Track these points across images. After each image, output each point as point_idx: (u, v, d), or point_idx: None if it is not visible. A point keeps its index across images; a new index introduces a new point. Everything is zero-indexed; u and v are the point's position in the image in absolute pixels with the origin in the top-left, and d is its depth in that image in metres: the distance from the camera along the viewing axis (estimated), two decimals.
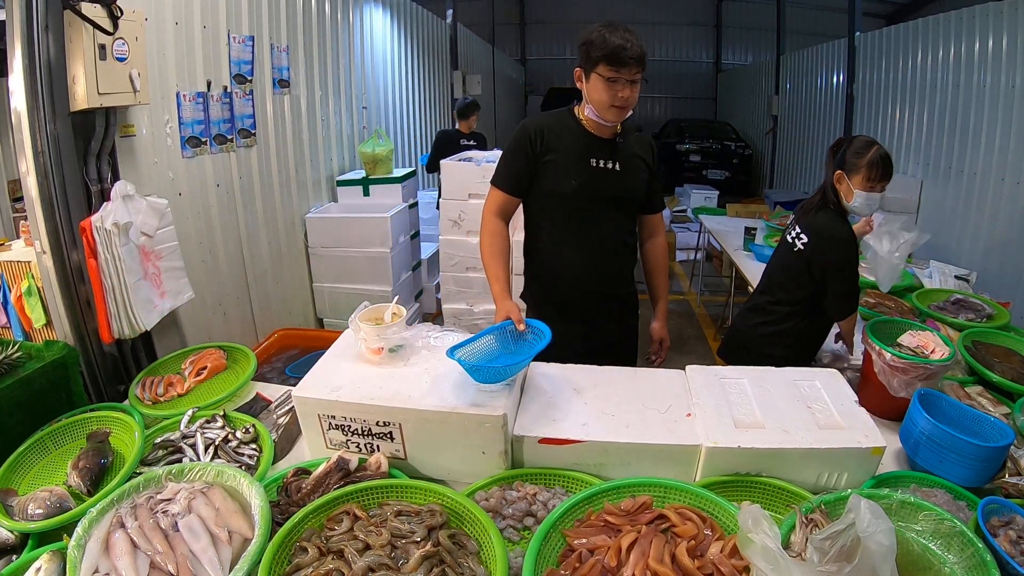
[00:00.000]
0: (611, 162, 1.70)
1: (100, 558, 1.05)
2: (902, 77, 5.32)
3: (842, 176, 1.77)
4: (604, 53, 1.53)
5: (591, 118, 1.67)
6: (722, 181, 9.62)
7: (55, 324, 1.93)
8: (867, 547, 0.92)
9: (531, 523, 1.21)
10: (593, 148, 1.69)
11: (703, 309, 5.09)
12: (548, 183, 1.71)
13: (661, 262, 1.94)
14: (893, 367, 1.56)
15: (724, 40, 13.61)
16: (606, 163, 1.70)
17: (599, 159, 1.69)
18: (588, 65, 1.59)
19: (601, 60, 1.54)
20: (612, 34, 1.52)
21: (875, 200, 1.75)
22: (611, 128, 1.68)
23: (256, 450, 1.45)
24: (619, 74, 1.54)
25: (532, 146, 1.69)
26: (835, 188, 1.83)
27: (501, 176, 1.75)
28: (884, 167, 1.73)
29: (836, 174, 1.80)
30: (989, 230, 4.05)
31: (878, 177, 1.72)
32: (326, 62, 3.73)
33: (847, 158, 1.78)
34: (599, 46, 1.53)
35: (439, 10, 6.81)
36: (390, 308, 1.54)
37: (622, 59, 1.52)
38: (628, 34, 1.53)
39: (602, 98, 1.59)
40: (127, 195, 1.91)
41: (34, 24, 1.67)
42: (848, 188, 1.75)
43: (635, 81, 1.57)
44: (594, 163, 1.69)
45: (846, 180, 1.76)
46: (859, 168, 1.74)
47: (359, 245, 3.53)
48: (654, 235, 1.93)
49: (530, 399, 1.43)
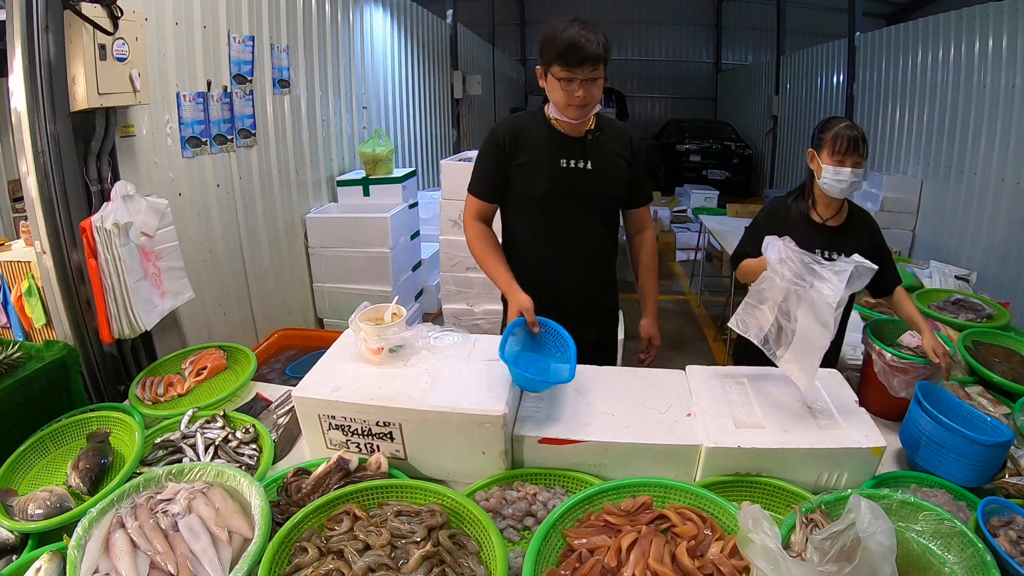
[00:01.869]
0: (582, 161, 1.65)
1: (100, 558, 1.06)
2: (902, 77, 5.32)
3: (813, 154, 1.74)
4: (558, 52, 1.47)
5: (557, 117, 1.63)
6: (722, 181, 9.62)
7: (55, 324, 1.93)
8: (867, 547, 0.92)
9: (531, 523, 1.21)
10: (563, 148, 1.65)
11: (703, 309, 5.09)
12: (520, 187, 1.68)
13: (650, 257, 1.89)
14: (893, 367, 1.56)
15: (724, 40, 13.60)
16: (577, 162, 1.65)
17: (569, 159, 1.65)
18: (545, 64, 1.54)
19: (555, 59, 1.49)
20: (567, 31, 1.46)
21: (844, 176, 1.65)
22: (581, 126, 1.64)
23: (256, 450, 1.45)
24: (573, 73, 1.49)
25: (502, 150, 1.66)
26: (811, 173, 1.78)
27: (476, 183, 1.72)
28: (850, 141, 1.66)
29: (808, 153, 1.76)
30: (989, 230, 4.06)
31: (843, 150, 1.65)
32: (326, 62, 3.73)
33: (816, 135, 1.75)
34: (553, 44, 1.48)
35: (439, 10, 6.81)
36: (390, 308, 1.54)
37: (575, 58, 1.46)
38: (586, 31, 1.46)
39: (558, 97, 1.55)
40: (127, 195, 1.91)
41: (34, 24, 1.67)
42: (818, 165, 1.72)
43: (593, 79, 1.51)
44: (564, 163, 1.65)
45: (816, 157, 1.73)
46: (824, 142, 1.69)
47: (359, 245, 3.53)
48: (642, 229, 1.88)
49: (530, 399, 1.43)
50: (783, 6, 10.16)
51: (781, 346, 1.43)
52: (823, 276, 1.40)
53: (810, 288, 1.40)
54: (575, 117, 1.58)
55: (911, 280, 2.82)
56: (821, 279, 1.40)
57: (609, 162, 1.69)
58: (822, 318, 1.38)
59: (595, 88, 1.53)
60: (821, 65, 7.64)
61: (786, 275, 1.42)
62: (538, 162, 1.64)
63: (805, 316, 1.40)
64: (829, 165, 1.67)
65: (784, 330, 1.43)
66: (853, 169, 1.65)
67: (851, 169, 1.65)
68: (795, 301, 1.42)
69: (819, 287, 1.39)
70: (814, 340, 1.39)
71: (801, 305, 1.41)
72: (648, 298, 1.91)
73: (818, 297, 1.39)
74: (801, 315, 1.41)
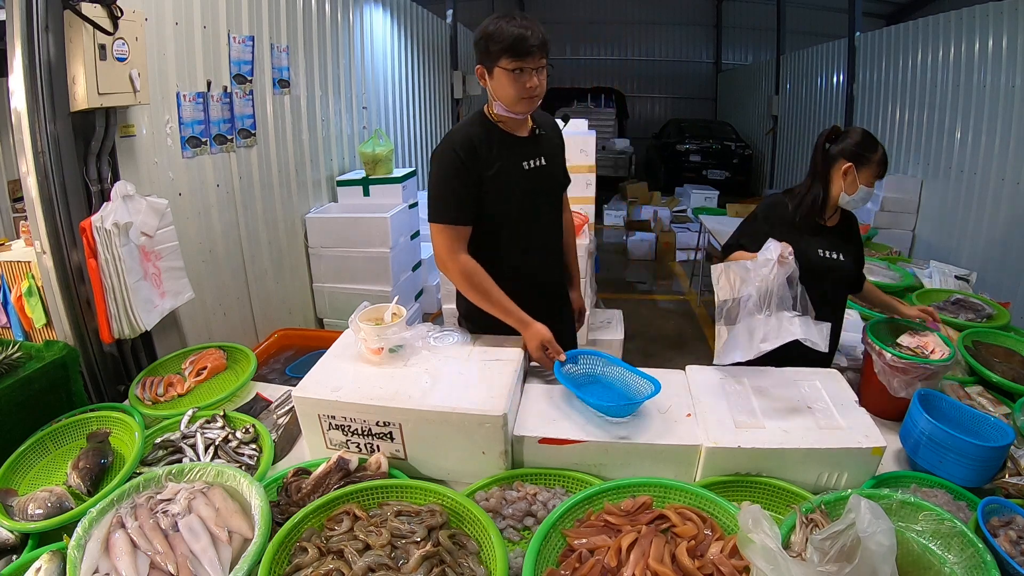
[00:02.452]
0: (539, 159, 1.65)
1: (100, 558, 1.06)
2: (902, 77, 5.32)
3: (851, 169, 1.73)
4: (505, 45, 1.45)
5: (503, 115, 1.58)
6: (722, 181, 9.61)
7: (55, 324, 1.93)
8: (867, 547, 0.92)
9: (531, 523, 1.21)
10: (521, 151, 1.62)
11: (703, 309, 5.09)
12: (493, 198, 1.58)
13: (573, 235, 1.95)
14: (893, 367, 1.56)
15: (724, 40, 13.59)
16: (535, 161, 1.65)
17: (529, 159, 1.63)
18: (489, 60, 1.50)
19: (503, 53, 1.46)
20: (510, 24, 1.45)
21: (871, 195, 1.75)
22: (525, 124, 1.63)
23: (256, 450, 1.45)
24: (524, 63, 1.46)
25: (465, 166, 1.54)
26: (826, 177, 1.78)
27: (444, 209, 1.56)
28: (886, 166, 1.74)
29: (845, 166, 1.73)
30: (989, 230, 4.05)
31: (883, 175, 1.73)
32: (326, 62, 3.73)
33: (858, 151, 1.73)
34: (498, 39, 1.45)
35: (439, 10, 6.81)
36: (390, 308, 1.54)
37: (524, 48, 1.44)
38: (527, 22, 1.46)
39: (509, 92, 1.50)
40: (127, 195, 1.91)
41: (34, 24, 1.67)
42: (854, 181, 1.71)
43: (541, 68, 1.50)
44: (527, 165, 1.63)
45: (854, 173, 1.73)
46: (871, 163, 1.71)
47: (359, 245, 3.52)
48: (566, 210, 1.90)
49: (530, 399, 1.43)
50: (783, 6, 10.16)
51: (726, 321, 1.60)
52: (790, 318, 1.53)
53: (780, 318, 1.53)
54: (526, 110, 1.56)
55: (911, 280, 2.82)
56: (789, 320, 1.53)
57: (556, 154, 1.73)
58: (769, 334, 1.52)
59: (543, 78, 1.52)
60: (821, 65, 7.63)
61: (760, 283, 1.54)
62: (506, 169, 1.59)
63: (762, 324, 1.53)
64: (866, 186, 1.73)
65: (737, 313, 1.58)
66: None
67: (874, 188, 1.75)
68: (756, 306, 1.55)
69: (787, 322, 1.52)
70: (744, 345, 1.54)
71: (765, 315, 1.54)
72: (575, 273, 1.98)
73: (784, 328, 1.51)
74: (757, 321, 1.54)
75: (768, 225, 1.78)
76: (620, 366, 1.51)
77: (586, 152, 3.22)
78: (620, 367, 1.51)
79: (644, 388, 1.41)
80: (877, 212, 5.00)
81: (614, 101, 11.71)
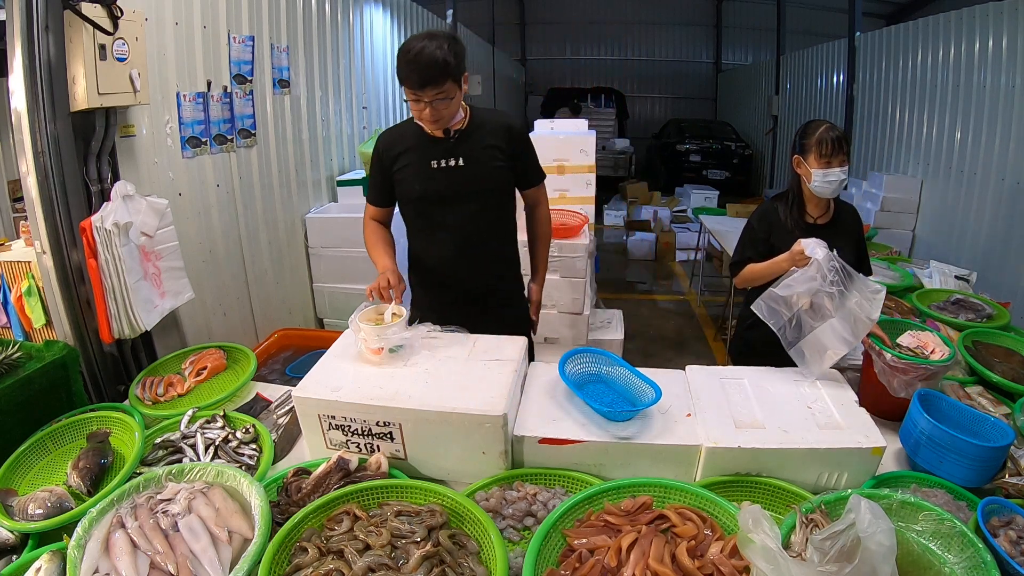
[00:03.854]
0: (453, 159, 1.70)
1: (100, 558, 1.06)
2: (902, 77, 5.32)
3: (799, 160, 1.78)
4: (401, 76, 1.54)
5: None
6: (722, 181, 9.62)
7: (55, 324, 1.93)
8: (867, 547, 0.92)
9: (531, 523, 1.21)
10: (433, 149, 1.70)
11: (703, 309, 5.09)
12: (402, 191, 1.77)
13: (542, 230, 1.97)
14: (893, 367, 1.56)
15: (724, 40, 13.60)
16: (447, 162, 1.70)
17: (439, 159, 1.70)
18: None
19: (401, 82, 1.56)
20: (409, 54, 1.51)
21: (833, 176, 1.72)
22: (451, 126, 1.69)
23: (256, 450, 1.45)
24: (416, 95, 1.55)
25: (382, 160, 1.76)
26: (798, 177, 1.83)
27: (368, 190, 1.87)
28: (834, 142, 1.72)
29: (794, 159, 1.81)
30: (989, 230, 4.06)
31: (829, 152, 1.71)
32: (326, 62, 3.73)
33: (798, 141, 1.80)
34: (399, 67, 1.54)
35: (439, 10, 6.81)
36: (390, 308, 1.55)
37: (411, 83, 1.53)
38: (430, 49, 1.49)
39: (413, 114, 1.63)
40: (127, 195, 1.91)
41: (34, 24, 1.67)
42: (806, 170, 1.76)
43: (439, 98, 1.55)
44: (435, 164, 1.70)
45: (803, 162, 1.77)
46: (809, 147, 1.74)
47: (359, 245, 3.48)
48: (534, 206, 1.94)
49: (530, 399, 1.43)
50: (783, 6, 10.17)
51: (796, 339, 1.53)
52: (865, 294, 1.50)
53: (853, 301, 1.50)
54: (431, 131, 1.67)
55: (911, 280, 2.82)
56: (864, 295, 1.49)
57: (481, 156, 1.73)
58: (852, 330, 1.49)
59: (443, 106, 1.58)
60: (821, 65, 7.64)
61: (828, 276, 1.50)
62: (411, 165, 1.72)
63: (840, 322, 1.49)
64: (818, 169, 1.73)
65: (803, 325, 1.52)
66: (840, 168, 1.72)
67: (839, 168, 1.72)
68: (827, 303, 1.51)
69: (863, 303, 1.49)
70: (827, 346, 1.49)
71: (836, 310, 1.50)
72: (538, 268, 2.01)
73: (859, 312, 1.49)
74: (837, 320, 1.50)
75: (764, 232, 1.82)
76: (623, 367, 1.50)
77: (586, 152, 3.22)
78: (623, 368, 1.50)
79: (646, 391, 1.40)
80: (877, 212, 5.01)
81: (614, 101, 11.72)
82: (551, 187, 3.13)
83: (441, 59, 1.50)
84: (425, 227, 1.81)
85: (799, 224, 1.82)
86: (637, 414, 1.35)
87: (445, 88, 1.54)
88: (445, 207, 1.75)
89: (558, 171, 3.17)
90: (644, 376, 1.44)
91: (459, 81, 1.58)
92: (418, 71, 1.50)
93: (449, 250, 1.79)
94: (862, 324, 1.49)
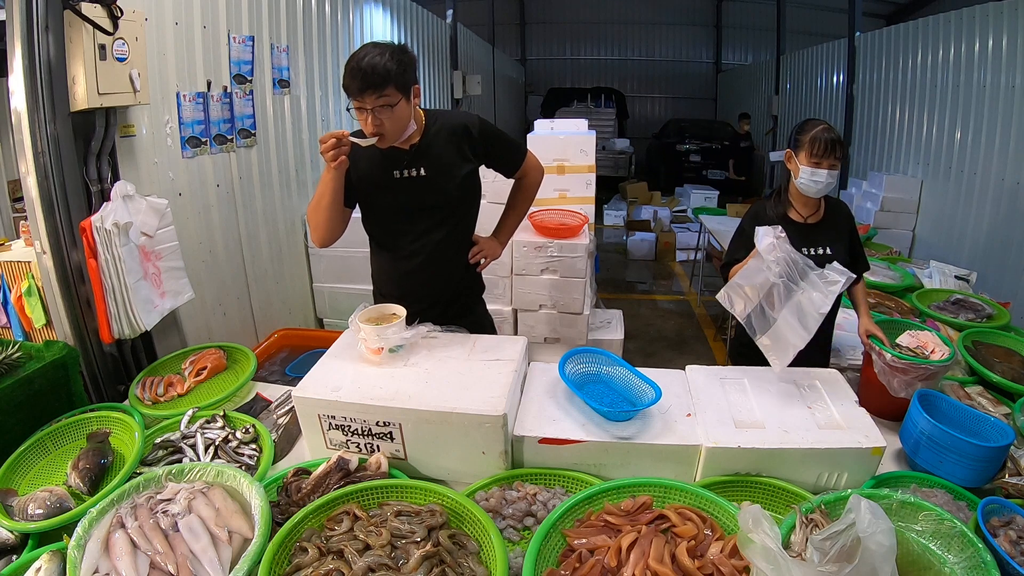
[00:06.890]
0: (415, 169, 1.65)
1: (100, 558, 1.06)
2: (902, 77, 5.32)
3: (791, 155, 1.79)
4: (344, 84, 1.50)
5: None
6: (722, 181, 9.61)
7: (55, 324, 1.93)
8: (867, 547, 0.92)
9: (531, 523, 1.21)
10: (394, 160, 1.64)
11: (703, 309, 5.09)
12: (363, 201, 1.72)
13: (524, 194, 1.90)
14: (893, 367, 1.56)
15: (724, 40, 13.60)
16: (410, 171, 1.65)
17: (401, 169, 1.65)
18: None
19: (345, 90, 1.51)
20: (352, 61, 1.47)
21: (820, 177, 1.71)
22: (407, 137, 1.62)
23: (256, 450, 1.45)
24: (359, 102, 1.49)
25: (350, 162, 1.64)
26: (788, 173, 1.83)
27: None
28: (827, 144, 1.71)
29: (786, 153, 1.81)
30: (989, 230, 4.05)
31: (821, 152, 1.71)
32: (326, 62, 3.73)
33: (793, 136, 1.80)
34: (342, 79, 1.50)
35: (439, 10, 6.81)
36: (390, 308, 1.54)
37: (355, 88, 1.47)
38: (373, 57, 1.45)
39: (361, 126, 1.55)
40: (127, 195, 1.91)
41: (34, 24, 1.67)
42: (796, 166, 1.77)
43: (383, 106, 1.49)
44: (397, 174, 1.65)
45: (794, 157, 1.78)
46: (803, 144, 1.75)
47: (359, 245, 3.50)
48: (523, 176, 1.87)
49: (530, 399, 1.43)
50: (783, 6, 10.17)
51: (762, 330, 1.53)
52: (815, 283, 1.49)
53: (801, 292, 1.50)
54: (381, 145, 1.57)
55: (911, 280, 2.82)
56: (813, 286, 1.49)
57: (443, 164, 1.67)
58: (805, 323, 1.48)
59: (388, 115, 1.50)
60: (821, 65, 7.63)
61: (773, 268, 1.50)
62: (372, 175, 1.67)
63: (790, 314, 1.50)
64: (807, 166, 1.73)
65: (767, 316, 1.53)
66: (829, 171, 1.72)
67: (827, 171, 1.71)
68: (781, 296, 1.51)
69: (811, 295, 1.49)
70: (790, 339, 1.49)
71: (787, 303, 1.51)
72: (503, 227, 1.94)
73: (808, 304, 1.48)
74: (786, 312, 1.50)
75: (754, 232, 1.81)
76: (623, 367, 1.50)
77: (586, 152, 3.22)
78: (623, 368, 1.50)
79: (646, 392, 1.40)
80: (877, 212, 5.01)
81: (614, 101, 11.71)
82: (551, 187, 3.15)
83: (382, 65, 1.45)
84: (388, 238, 1.77)
85: (784, 220, 1.82)
86: (637, 414, 1.35)
87: (386, 93, 1.47)
88: (410, 216, 1.70)
89: (558, 171, 3.16)
90: (644, 376, 1.44)
91: (405, 90, 1.51)
92: (359, 77, 1.45)
93: (413, 261, 1.74)
94: (811, 318, 1.48)
